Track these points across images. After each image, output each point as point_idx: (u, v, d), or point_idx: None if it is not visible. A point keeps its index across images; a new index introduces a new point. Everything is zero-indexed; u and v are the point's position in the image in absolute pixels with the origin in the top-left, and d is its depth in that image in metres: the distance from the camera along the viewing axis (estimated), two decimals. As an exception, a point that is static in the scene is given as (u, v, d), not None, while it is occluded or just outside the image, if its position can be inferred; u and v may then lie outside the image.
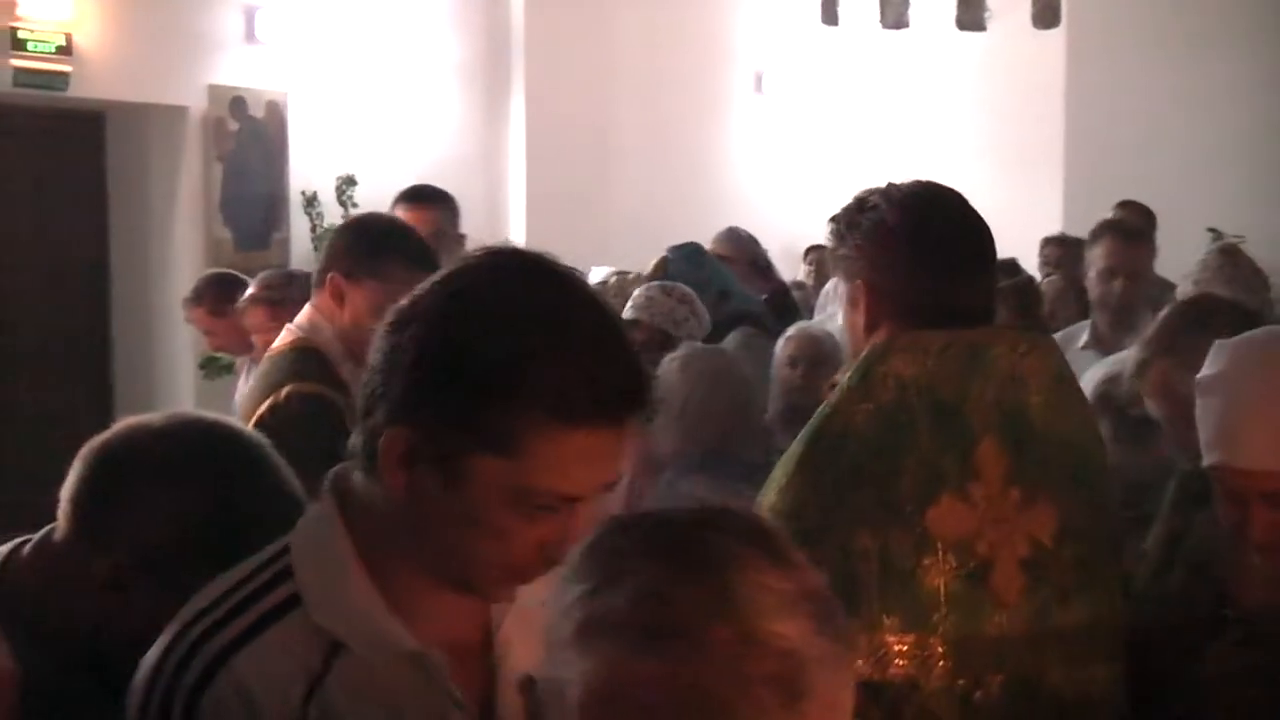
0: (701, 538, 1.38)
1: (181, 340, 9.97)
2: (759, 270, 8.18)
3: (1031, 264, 9.47)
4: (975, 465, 2.73)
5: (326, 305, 3.95)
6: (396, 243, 3.97)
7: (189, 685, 1.80)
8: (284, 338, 4.01)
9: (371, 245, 3.95)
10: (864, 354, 2.84)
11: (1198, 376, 2.69)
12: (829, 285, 8.49)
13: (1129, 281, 5.56)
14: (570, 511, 1.77)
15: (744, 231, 8.38)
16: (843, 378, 2.88)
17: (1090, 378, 4.09)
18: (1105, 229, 5.87)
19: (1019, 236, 10.75)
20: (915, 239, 2.87)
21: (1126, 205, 8.72)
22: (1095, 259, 5.72)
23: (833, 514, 2.69)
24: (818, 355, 5.76)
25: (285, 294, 6.11)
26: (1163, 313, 3.70)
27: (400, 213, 5.25)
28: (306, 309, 4.04)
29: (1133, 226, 5.78)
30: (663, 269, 7.39)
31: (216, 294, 7.11)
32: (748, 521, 1.44)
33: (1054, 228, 11.40)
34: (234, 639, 1.82)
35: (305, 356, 3.88)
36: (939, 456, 2.72)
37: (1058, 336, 5.25)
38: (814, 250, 11.62)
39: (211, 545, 2.05)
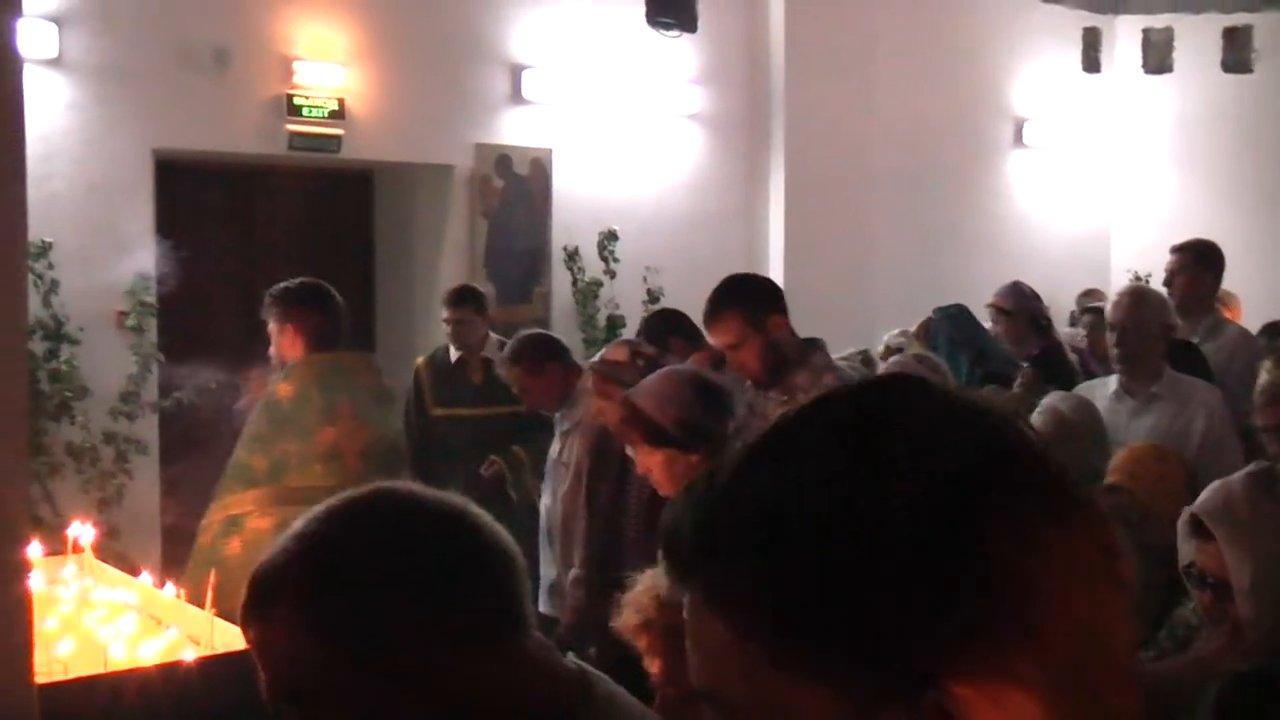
0: None
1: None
2: (1037, 327, 8.10)
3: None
4: (339, 415, 5.95)
5: None
6: None
7: None
8: None
9: None
10: (294, 362, 6.03)
11: None
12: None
13: None
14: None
15: (1027, 287, 8.31)
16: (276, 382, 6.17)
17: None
18: None
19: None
20: (320, 305, 6.19)
21: None
22: None
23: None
24: (1062, 434, 5.57)
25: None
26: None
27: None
28: None
29: None
30: (926, 328, 7.47)
31: (533, 354, 7.23)
32: None
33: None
34: None
35: None
36: (326, 416, 5.93)
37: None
38: (1090, 313, 11.30)
39: None
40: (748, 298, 5.47)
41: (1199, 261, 7.72)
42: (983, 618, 1.08)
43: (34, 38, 8.78)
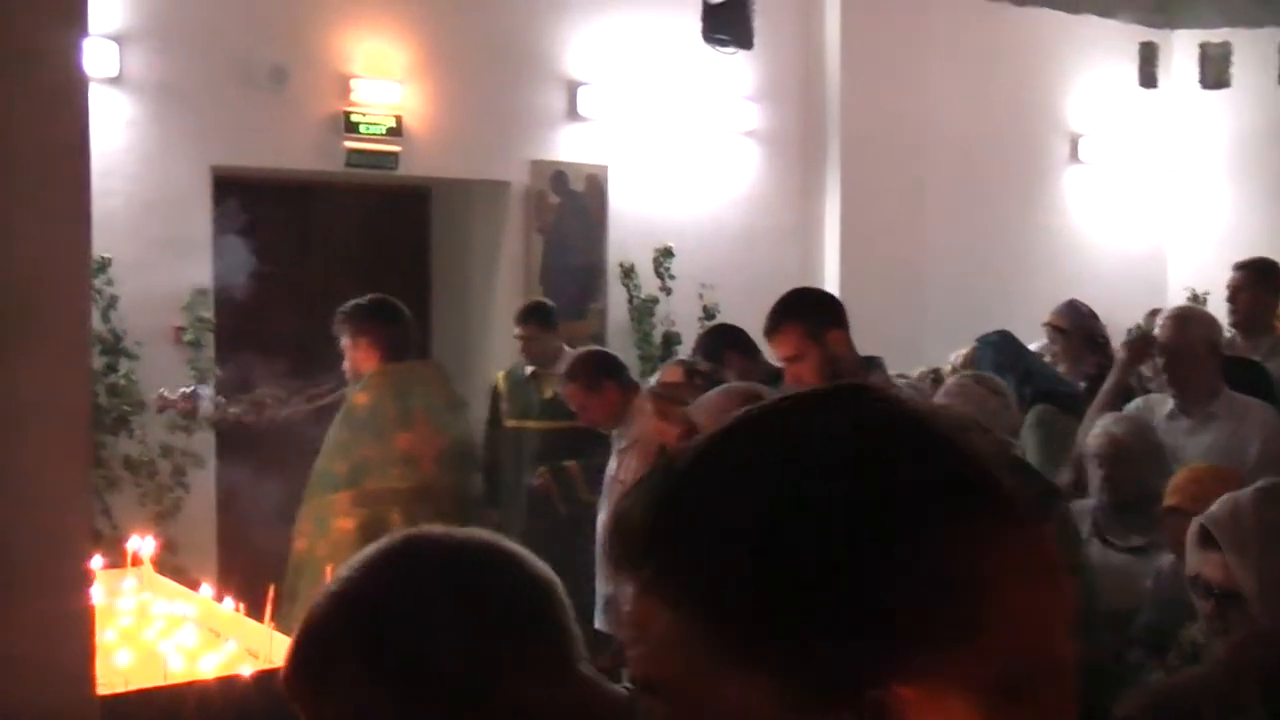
0: None
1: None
2: (1094, 346, 8.05)
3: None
4: (414, 421, 6.44)
5: None
6: None
7: None
8: None
9: None
10: (370, 373, 6.52)
11: None
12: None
13: None
14: None
15: (1084, 305, 8.27)
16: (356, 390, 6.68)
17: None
18: None
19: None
20: (390, 319, 6.69)
21: None
22: None
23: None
24: (1115, 455, 5.61)
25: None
26: None
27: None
28: None
29: None
30: (971, 358, 7.48)
31: (590, 371, 7.21)
32: None
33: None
34: None
35: None
36: (402, 422, 6.46)
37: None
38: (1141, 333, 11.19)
39: None
40: (808, 310, 5.46)
41: (1261, 279, 7.67)
42: (927, 620, 1.08)
43: (95, 56, 8.85)
